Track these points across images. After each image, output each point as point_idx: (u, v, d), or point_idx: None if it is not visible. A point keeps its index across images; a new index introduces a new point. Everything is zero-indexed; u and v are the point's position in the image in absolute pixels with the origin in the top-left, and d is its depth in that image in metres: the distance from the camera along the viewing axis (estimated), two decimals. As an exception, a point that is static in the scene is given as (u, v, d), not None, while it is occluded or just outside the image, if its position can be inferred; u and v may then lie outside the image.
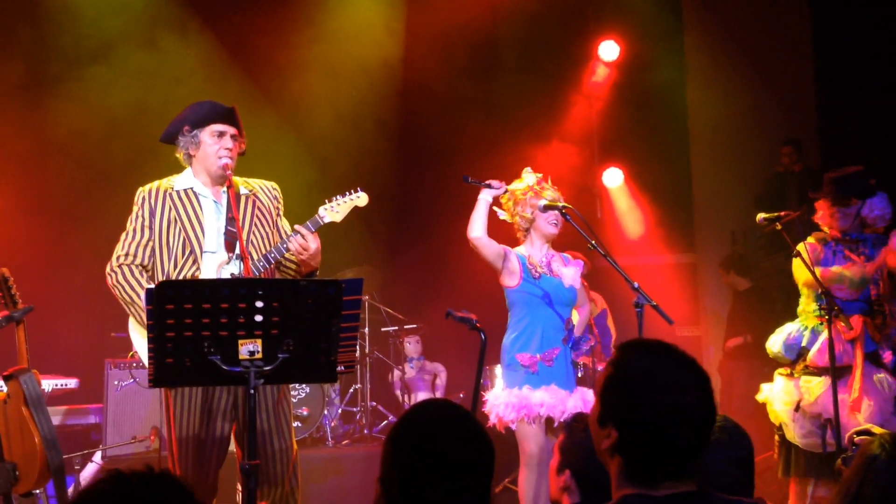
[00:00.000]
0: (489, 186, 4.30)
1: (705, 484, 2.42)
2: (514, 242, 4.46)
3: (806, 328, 4.57)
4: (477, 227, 4.22)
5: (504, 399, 4.19)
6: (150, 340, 2.79)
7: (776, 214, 4.52)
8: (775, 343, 4.65)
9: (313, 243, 3.52)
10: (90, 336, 6.39)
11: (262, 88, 7.31)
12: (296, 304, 2.84)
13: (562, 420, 4.04)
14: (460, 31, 8.03)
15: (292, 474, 3.56)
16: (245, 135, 3.66)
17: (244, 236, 3.54)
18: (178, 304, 2.74)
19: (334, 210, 3.62)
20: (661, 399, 1.64)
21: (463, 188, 4.44)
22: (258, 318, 2.78)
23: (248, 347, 2.81)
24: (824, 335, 4.34)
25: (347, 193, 3.69)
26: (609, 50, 8.56)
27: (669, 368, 1.69)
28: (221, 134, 3.57)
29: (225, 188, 3.60)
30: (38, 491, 3.72)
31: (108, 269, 3.55)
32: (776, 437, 4.60)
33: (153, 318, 2.76)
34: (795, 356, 4.56)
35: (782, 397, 4.53)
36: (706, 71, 8.48)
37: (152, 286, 2.81)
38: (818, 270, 4.40)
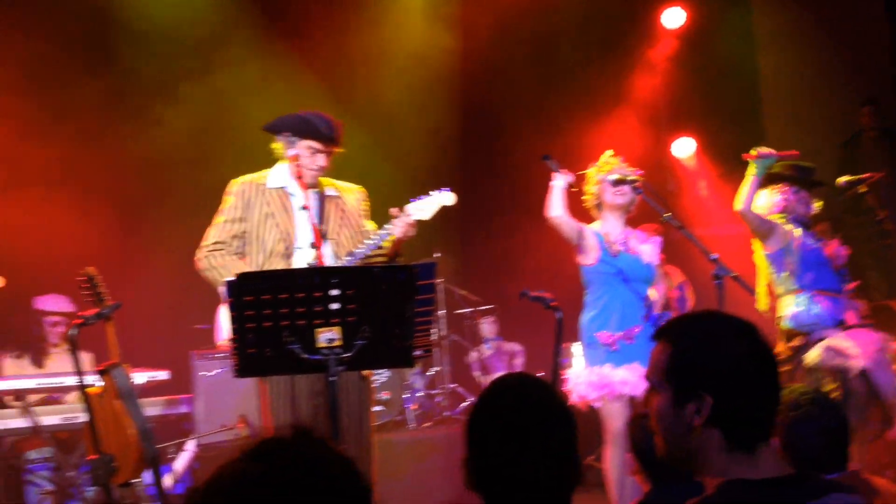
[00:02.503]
0: (561, 175, 4.27)
1: (795, 457, 2.38)
2: (592, 220, 4.43)
3: None
4: (555, 207, 4.21)
5: (585, 378, 4.18)
6: (232, 331, 2.86)
7: (859, 177, 4.38)
8: None
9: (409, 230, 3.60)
10: (174, 329, 6.59)
11: (329, 86, 7.38)
12: (370, 290, 2.87)
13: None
14: (520, 6, 7.96)
15: (371, 459, 3.65)
16: (341, 143, 3.72)
17: (331, 235, 3.65)
18: (256, 295, 2.80)
19: (421, 209, 3.64)
20: (738, 349, 1.64)
21: (532, 165, 4.43)
22: (334, 305, 2.83)
23: (327, 335, 2.86)
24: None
25: (434, 192, 3.71)
26: (674, 17, 8.37)
27: (722, 321, 1.70)
28: (316, 151, 3.65)
29: (315, 190, 3.72)
30: (136, 480, 3.87)
31: (199, 255, 3.67)
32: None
33: (234, 309, 2.83)
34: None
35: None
36: (775, 35, 8.22)
37: (232, 279, 2.88)
38: None
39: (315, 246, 3.51)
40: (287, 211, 3.65)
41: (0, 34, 6.44)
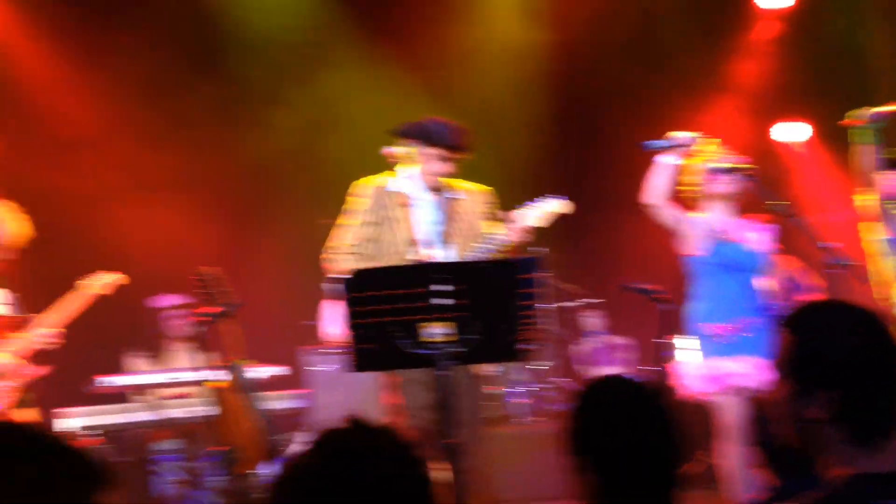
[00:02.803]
0: (675, 145, 4.14)
1: None
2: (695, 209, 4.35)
3: None
4: (652, 193, 4.13)
5: (694, 371, 4.11)
6: (348, 328, 2.97)
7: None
8: None
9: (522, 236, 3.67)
10: (285, 326, 6.84)
11: (428, 84, 7.47)
12: (478, 286, 2.93)
13: (758, 389, 3.92)
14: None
15: (479, 456, 3.72)
16: (467, 150, 3.81)
17: (452, 238, 3.75)
18: (367, 291, 2.90)
19: (535, 216, 3.68)
20: (860, 340, 1.61)
21: (634, 155, 4.36)
22: (444, 301, 2.90)
23: (437, 330, 2.93)
24: None
25: (548, 199, 3.73)
26: (778, -2, 8.11)
27: (843, 311, 1.67)
28: (442, 158, 3.76)
29: (441, 193, 3.83)
30: (256, 471, 4.05)
31: (329, 257, 3.81)
32: None
33: (349, 306, 2.94)
34: None
35: None
36: (887, 11, 7.87)
37: (347, 276, 2.98)
38: None
39: (435, 248, 3.62)
40: (412, 212, 3.75)
41: (123, 50, 6.81)
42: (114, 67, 6.79)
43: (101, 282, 4.80)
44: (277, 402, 5.40)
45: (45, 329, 4.43)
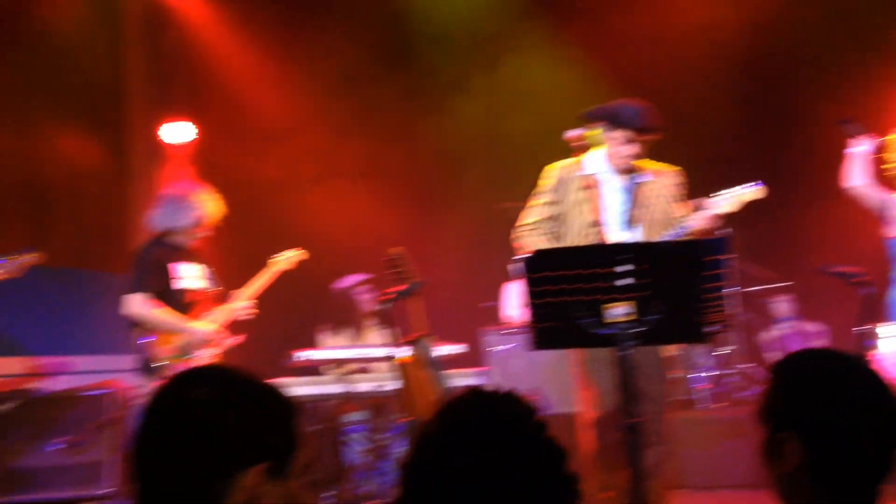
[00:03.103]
0: (862, 140, 3.97)
1: None
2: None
3: None
4: (852, 176, 3.94)
5: (898, 360, 3.87)
6: (528, 306, 3.02)
7: None
8: None
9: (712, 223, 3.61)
10: (464, 306, 7.02)
11: (614, 69, 7.37)
12: (662, 266, 2.88)
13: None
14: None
15: (665, 439, 3.67)
16: (657, 130, 3.79)
17: (640, 220, 3.74)
18: (548, 271, 2.93)
19: (726, 202, 3.61)
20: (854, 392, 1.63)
21: (830, 132, 4.16)
22: (626, 281, 2.88)
23: (619, 310, 2.91)
24: None
25: (741, 186, 3.66)
26: None
27: (833, 360, 1.68)
28: (629, 140, 3.75)
29: (629, 175, 3.82)
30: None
31: (516, 234, 3.91)
32: None
33: (529, 285, 2.98)
34: None
35: None
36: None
37: (527, 255, 3.03)
38: None
39: (620, 230, 3.61)
40: (598, 196, 3.76)
41: (318, 46, 7.21)
42: (308, 63, 7.20)
43: (288, 258, 5.14)
44: (458, 379, 5.55)
45: (243, 301, 4.81)
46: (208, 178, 5.17)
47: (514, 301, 5.83)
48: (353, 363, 5.81)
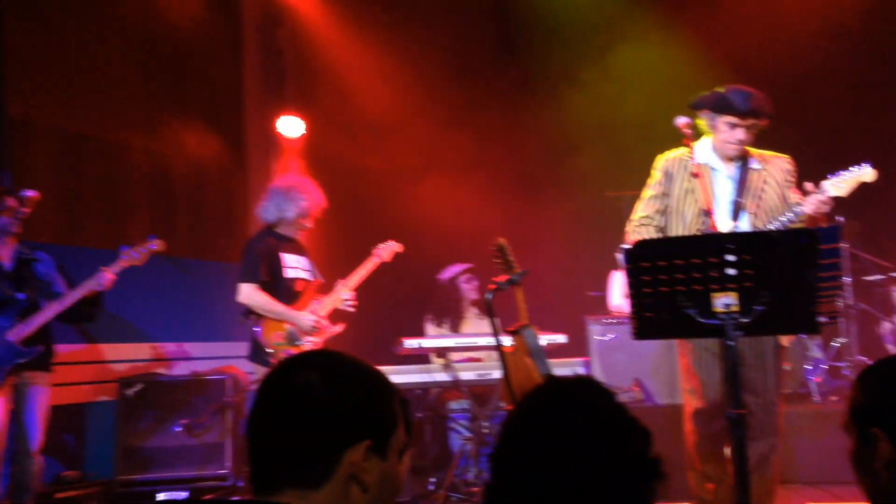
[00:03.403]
0: None
1: None
2: None
3: None
4: None
5: None
6: (630, 296, 3.02)
7: None
8: None
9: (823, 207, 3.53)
10: (569, 296, 7.01)
11: (726, 57, 7.19)
12: (768, 255, 2.84)
13: None
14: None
15: (773, 432, 3.61)
16: (765, 115, 3.73)
17: (749, 209, 3.70)
18: (652, 261, 2.92)
19: (838, 185, 3.52)
20: None
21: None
22: (731, 271, 2.85)
23: (724, 300, 2.88)
24: None
25: (853, 168, 3.56)
26: None
27: None
28: (734, 126, 3.70)
29: (737, 163, 3.78)
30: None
31: (628, 228, 3.93)
32: None
33: (630, 275, 2.98)
34: None
35: None
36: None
37: (627, 246, 3.03)
38: None
39: (728, 219, 3.57)
40: (709, 185, 3.72)
41: (426, 41, 7.32)
42: (417, 57, 7.31)
43: (389, 249, 5.27)
44: (561, 368, 5.57)
45: (346, 291, 4.96)
46: (318, 171, 5.36)
47: (619, 290, 5.81)
48: (457, 352, 5.91)
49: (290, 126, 7.81)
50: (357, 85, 7.57)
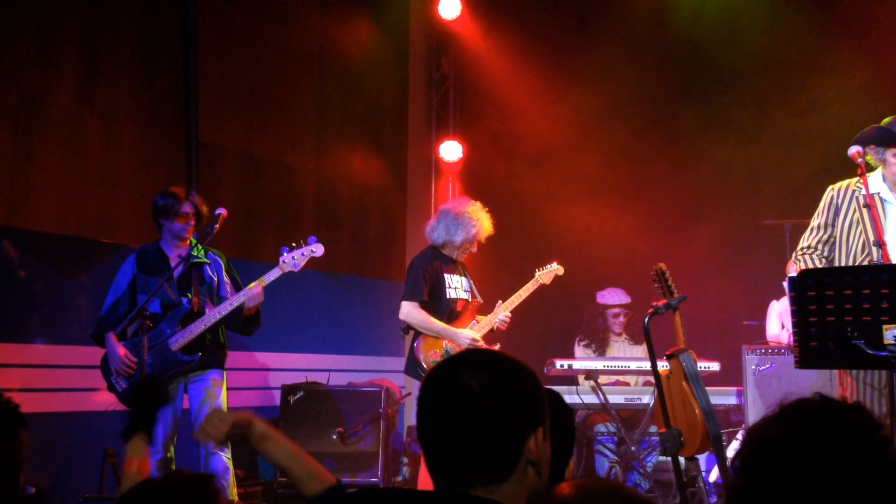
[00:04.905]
0: None
1: None
2: None
3: None
4: None
5: None
6: (794, 325, 3.04)
7: None
8: None
9: None
10: (725, 324, 6.90)
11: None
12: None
13: None
14: None
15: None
16: None
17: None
18: (819, 290, 2.93)
19: None
20: None
21: None
22: (899, 303, 2.82)
23: (893, 332, 2.86)
24: None
25: None
26: None
27: None
28: None
29: None
30: (699, 456, 4.25)
31: (793, 257, 3.96)
32: None
33: (796, 304, 3.00)
34: None
35: None
36: None
37: (794, 275, 3.06)
38: None
39: None
40: (876, 216, 3.69)
41: (588, 75, 7.41)
42: (581, 90, 7.40)
43: (551, 271, 5.37)
44: (714, 396, 5.52)
45: (503, 312, 5.09)
46: (475, 194, 5.54)
47: (777, 321, 5.71)
48: (606, 374, 5.95)
49: (451, 150, 8.10)
50: (522, 113, 7.75)
